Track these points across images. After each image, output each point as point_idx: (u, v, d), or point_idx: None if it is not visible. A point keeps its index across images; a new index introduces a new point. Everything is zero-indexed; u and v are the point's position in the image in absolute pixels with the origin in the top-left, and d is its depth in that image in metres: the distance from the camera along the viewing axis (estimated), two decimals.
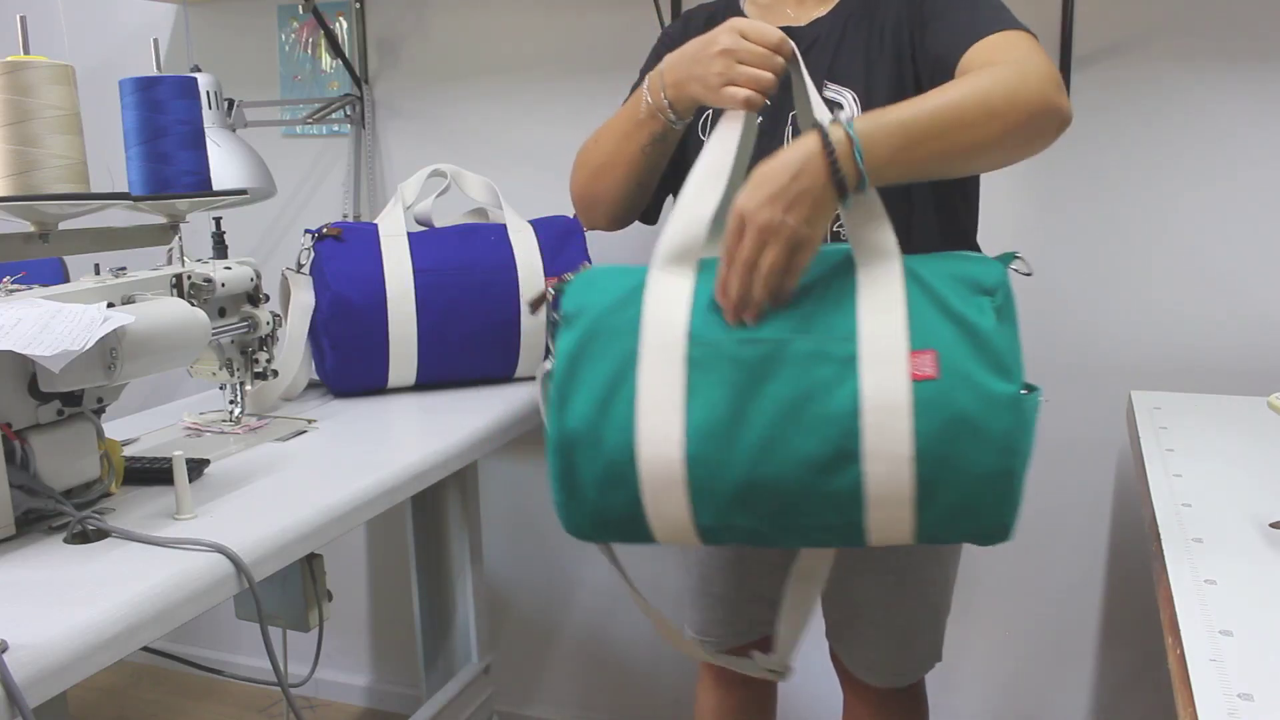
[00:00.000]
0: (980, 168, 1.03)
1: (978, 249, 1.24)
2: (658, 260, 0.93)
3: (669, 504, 0.91)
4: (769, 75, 0.96)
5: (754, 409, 0.87)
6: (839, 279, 0.90)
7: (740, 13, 1.25)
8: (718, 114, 1.20)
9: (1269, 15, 1.47)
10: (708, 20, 1.27)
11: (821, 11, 1.19)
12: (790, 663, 1.19)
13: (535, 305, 1.02)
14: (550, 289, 0.99)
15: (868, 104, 1.11)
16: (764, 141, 1.17)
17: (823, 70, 1.16)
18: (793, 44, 0.97)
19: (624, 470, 0.90)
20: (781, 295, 0.90)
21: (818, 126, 0.90)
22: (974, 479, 0.85)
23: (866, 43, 1.14)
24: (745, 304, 0.89)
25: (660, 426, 0.88)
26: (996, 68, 0.96)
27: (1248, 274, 1.53)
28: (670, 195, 1.30)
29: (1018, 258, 0.92)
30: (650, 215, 1.30)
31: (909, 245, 0.99)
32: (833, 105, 1.11)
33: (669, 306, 0.91)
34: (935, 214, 1.17)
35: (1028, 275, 0.93)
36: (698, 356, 0.88)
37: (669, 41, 1.30)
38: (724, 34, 0.98)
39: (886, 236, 0.90)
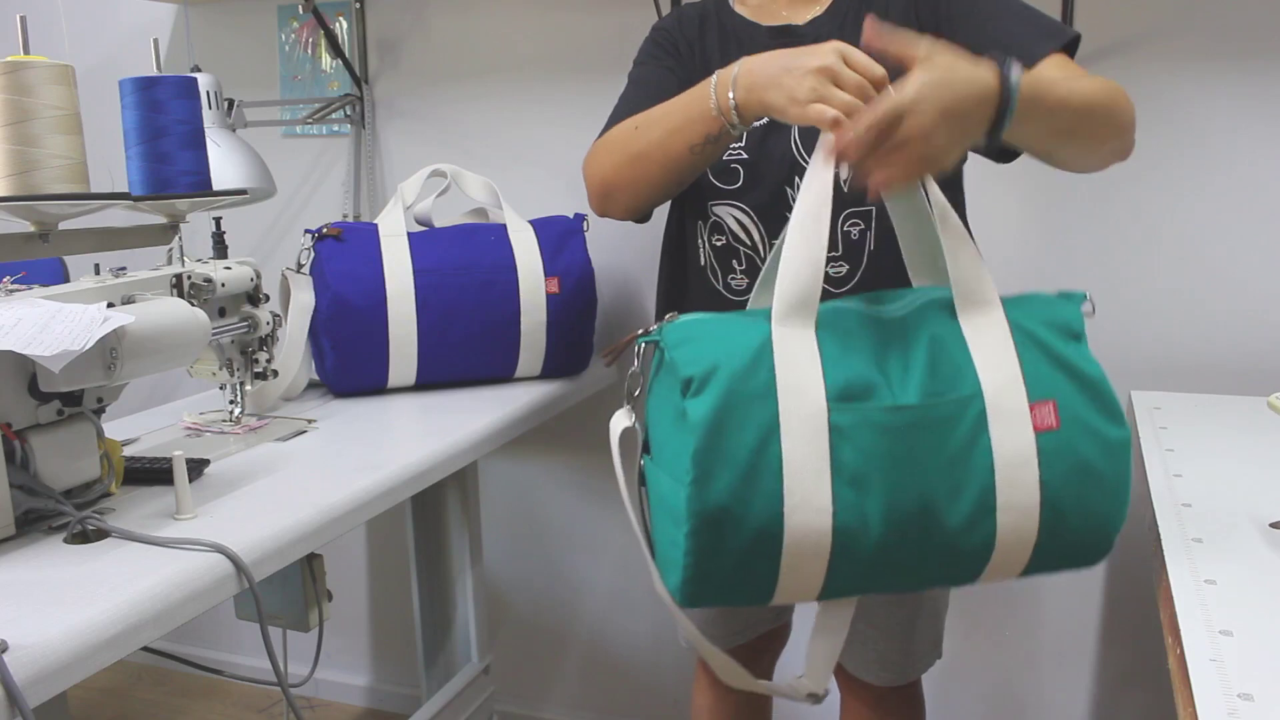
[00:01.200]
0: (1075, 160, 1.08)
1: None
2: (778, 314, 0.89)
3: (806, 572, 0.88)
4: (861, 105, 0.91)
5: (902, 475, 0.86)
6: (947, 330, 0.90)
7: (730, 10, 1.25)
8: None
9: (1269, 14, 1.47)
10: (701, 17, 1.27)
11: (818, 10, 1.19)
12: (825, 687, 1.15)
13: (614, 356, 0.98)
14: (638, 340, 0.94)
15: None
16: (770, 140, 1.17)
17: None
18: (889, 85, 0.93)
19: (771, 543, 0.86)
20: (888, 183, 0.90)
21: (996, 66, 0.90)
22: (1090, 519, 0.89)
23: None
24: (854, 164, 0.89)
25: (809, 497, 0.85)
26: (1111, 84, 1.04)
27: (1248, 274, 1.53)
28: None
29: (1087, 299, 0.94)
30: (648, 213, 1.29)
31: (894, 258, 1.04)
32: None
33: (803, 369, 0.87)
34: None
35: (1090, 315, 0.94)
36: (840, 424, 0.86)
37: (661, 36, 1.29)
38: (826, 52, 0.93)
39: (986, 285, 0.91)
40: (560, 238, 1.59)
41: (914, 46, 0.89)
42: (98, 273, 1.08)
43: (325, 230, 1.52)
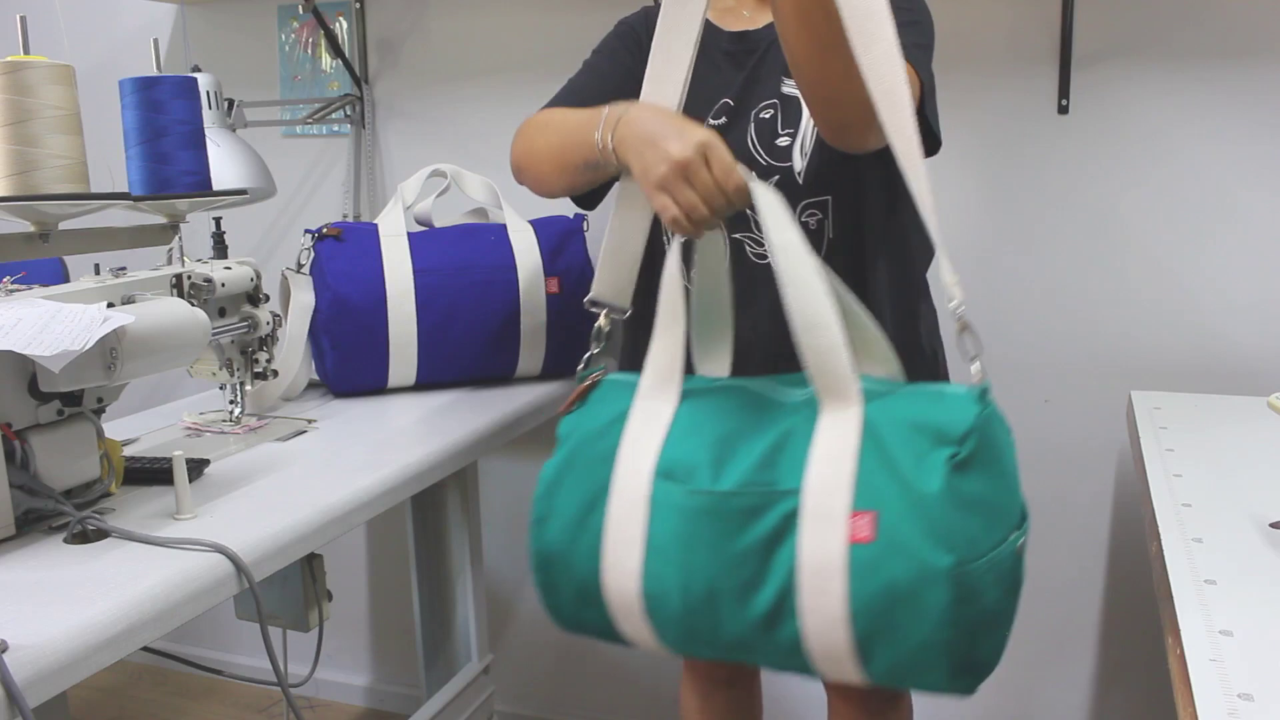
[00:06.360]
0: (820, 81, 0.98)
1: (926, 286, 1.26)
2: (643, 389, 0.96)
3: (636, 628, 0.95)
4: (704, 211, 0.91)
5: (699, 557, 0.88)
6: (808, 424, 0.87)
7: None
8: None
9: (1269, 15, 1.47)
10: None
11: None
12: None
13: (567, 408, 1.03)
14: (590, 381, 1.01)
15: None
16: (725, 139, 1.16)
17: (780, 69, 1.19)
18: (751, 190, 0.91)
19: (593, 593, 0.94)
20: None
21: None
22: (910, 645, 0.81)
23: None
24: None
25: (622, 560, 0.92)
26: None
27: (1248, 274, 1.53)
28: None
29: (988, 389, 0.84)
30: (592, 201, 1.31)
31: (864, 294, 1.07)
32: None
33: (643, 442, 0.93)
34: (886, 264, 1.18)
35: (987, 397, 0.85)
36: (657, 499, 0.90)
37: (623, 30, 1.31)
38: (691, 145, 0.91)
39: (843, 378, 0.86)
40: (560, 238, 1.59)
41: None
42: (98, 273, 1.08)
43: (325, 230, 1.52)
